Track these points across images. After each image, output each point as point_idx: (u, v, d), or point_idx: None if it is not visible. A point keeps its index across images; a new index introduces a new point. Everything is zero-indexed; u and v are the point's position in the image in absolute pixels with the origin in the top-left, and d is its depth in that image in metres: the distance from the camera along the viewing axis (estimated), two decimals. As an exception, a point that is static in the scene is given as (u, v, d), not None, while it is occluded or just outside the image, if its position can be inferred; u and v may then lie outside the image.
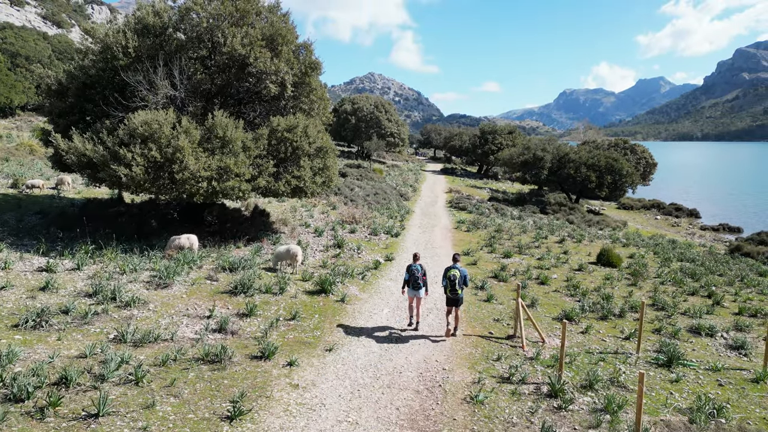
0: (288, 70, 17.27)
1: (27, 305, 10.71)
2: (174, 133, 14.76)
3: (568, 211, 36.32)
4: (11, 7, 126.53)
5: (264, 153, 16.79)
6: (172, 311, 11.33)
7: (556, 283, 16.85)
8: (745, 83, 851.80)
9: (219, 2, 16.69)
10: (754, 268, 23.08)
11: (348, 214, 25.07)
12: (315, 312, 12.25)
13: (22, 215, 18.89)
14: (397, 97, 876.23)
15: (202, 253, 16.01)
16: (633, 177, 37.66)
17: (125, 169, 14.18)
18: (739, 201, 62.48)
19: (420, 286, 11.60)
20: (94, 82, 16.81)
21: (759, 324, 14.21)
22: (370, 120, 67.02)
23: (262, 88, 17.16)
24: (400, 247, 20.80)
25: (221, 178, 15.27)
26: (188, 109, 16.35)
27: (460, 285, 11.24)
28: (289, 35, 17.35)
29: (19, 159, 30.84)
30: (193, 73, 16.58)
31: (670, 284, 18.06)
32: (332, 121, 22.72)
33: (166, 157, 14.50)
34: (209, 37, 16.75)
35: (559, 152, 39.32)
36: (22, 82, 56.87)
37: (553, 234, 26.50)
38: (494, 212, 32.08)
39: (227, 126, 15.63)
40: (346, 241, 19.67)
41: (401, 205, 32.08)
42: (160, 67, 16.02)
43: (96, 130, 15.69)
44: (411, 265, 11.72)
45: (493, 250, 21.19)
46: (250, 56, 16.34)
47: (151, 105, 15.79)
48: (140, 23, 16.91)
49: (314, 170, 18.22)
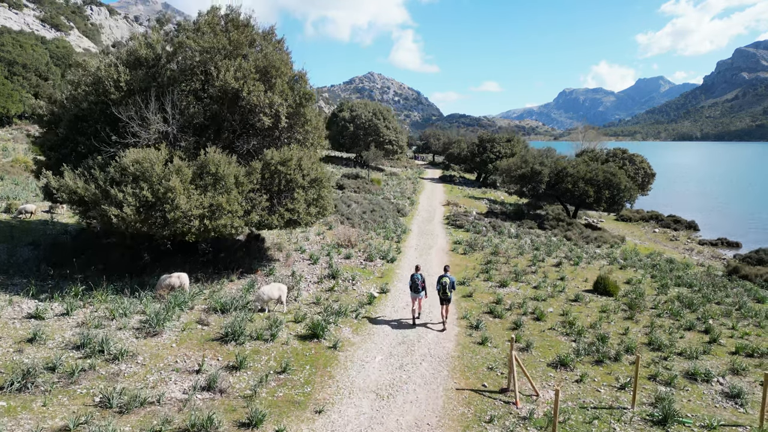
0: (282, 101, 17.12)
1: (14, 361, 10.57)
2: (166, 171, 14.60)
3: (566, 226, 36.17)
4: (9, 11, 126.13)
5: (257, 187, 16.63)
6: (161, 364, 11.18)
7: (552, 319, 16.70)
8: (745, 83, 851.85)
9: (212, 35, 16.52)
10: (752, 293, 22.94)
11: (344, 236, 24.91)
12: (306, 362, 12.09)
13: (15, 246, 18.74)
14: (397, 97, 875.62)
15: (194, 290, 15.89)
16: (631, 192, 37.51)
17: (116, 209, 14.02)
18: (737, 210, 62.37)
19: (420, 290, 15.11)
20: (86, 114, 16.65)
21: (755, 366, 14.07)
22: (368, 127, 66.82)
23: (255, 121, 16.99)
24: (395, 275, 20.64)
25: (213, 215, 15.11)
26: (181, 144, 16.19)
27: (449, 289, 14.88)
28: (283, 67, 17.19)
29: (14, 177, 30.67)
30: (186, 107, 16.41)
31: (667, 317, 17.92)
32: (328, 133, 22.52)
33: (157, 197, 14.34)
34: (202, 70, 16.59)
35: (556, 166, 39.16)
36: (19, 91, 56.71)
37: (550, 255, 26.35)
38: (491, 230, 31.91)
39: (220, 162, 15.47)
40: (340, 271, 19.51)
41: (398, 223, 31.90)
42: (152, 101, 15.86)
43: (88, 165, 15.55)
44: (413, 275, 15.20)
45: (490, 278, 21.04)
46: (244, 90, 16.18)
47: (143, 141, 15.64)
48: (132, 55, 16.73)
49: (308, 202, 18.05)
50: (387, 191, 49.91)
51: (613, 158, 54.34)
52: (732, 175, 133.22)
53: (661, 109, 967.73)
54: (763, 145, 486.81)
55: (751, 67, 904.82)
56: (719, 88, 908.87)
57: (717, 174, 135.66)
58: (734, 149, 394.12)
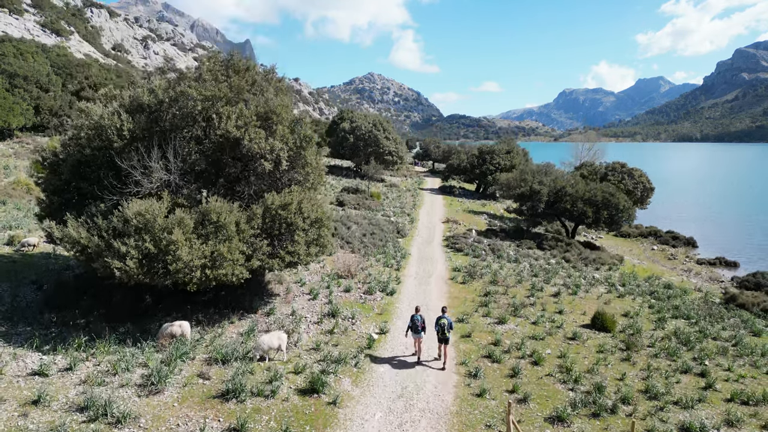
0: (283, 146, 17.31)
1: (19, 426, 10.75)
2: (168, 222, 14.78)
3: (565, 247, 36.35)
4: (10, 16, 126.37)
5: (258, 231, 16.82)
6: (162, 428, 11.36)
7: (550, 362, 16.88)
8: (745, 83, 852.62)
9: (213, 82, 16.70)
10: (748, 324, 23.14)
11: (344, 266, 25.09)
12: (306, 422, 12.26)
13: (18, 285, 18.93)
14: (397, 98, 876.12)
15: (195, 336, 16.09)
16: (629, 212, 37.67)
17: (119, 262, 14.20)
18: (736, 218, 62.60)
19: (420, 331, 15.95)
20: (89, 160, 16.82)
21: (750, 415, 14.25)
22: (368, 138, 67.05)
23: (256, 166, 17.18)
24: (394, 310, 20.81)
25: (215, 264, 15.29)
26: (183, 191, 16.37)
27: (447, 330, 15.66)
28: (284, 113, 17.37)
29: (16, 201, 30.84)
30: (188, 153, 16.59)
31: (664, 356, 18.11)
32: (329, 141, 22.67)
33: (159, 248, 14.52)
34: (204, 116, 16.77)
35: (555, 185, 39.34)
36: (21, 104, 56.85)
37: (548, 283, 26.53)
38: (490, 253, 32.08)
39: (221, 210, 15.66)
40: (340, 309, 19.67)
41: (397, 246, 32.08)
42: (154, 149, 16.05)
43: (91, 213, 15.74)
44: (414, 316, 16.03)
45: (488, 313, 21.20)
46: (245, 138, 16.37)
47: (145, 189, 15.82)
48: (135, 101, 16.91)
49: (308, 242, 18.24)
50: (387, 205, 50.11)
51: (612, 172, 54.53)
52: (731, 178, 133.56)
53: (661, 109, 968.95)
54: (763, 147, 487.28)
55: (751, 68, 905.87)
56: (719, 88, 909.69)
57: (716, 177, 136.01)
58: (734, 151, 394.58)
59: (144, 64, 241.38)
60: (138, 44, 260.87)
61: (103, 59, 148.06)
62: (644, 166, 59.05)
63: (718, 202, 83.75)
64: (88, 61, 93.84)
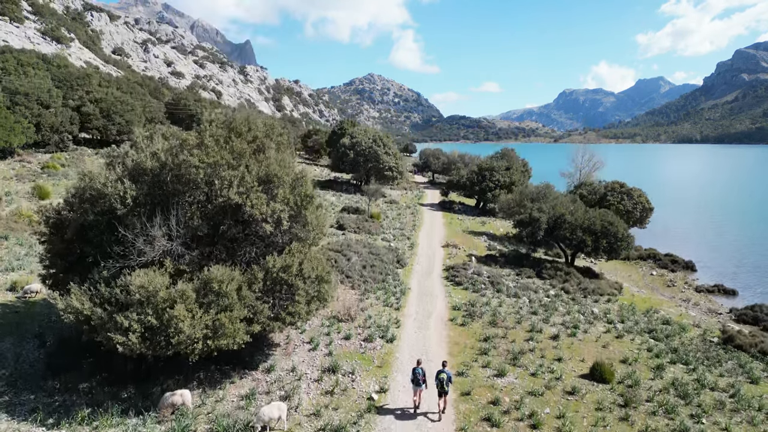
0: (284, 207, 17.47)
1: None
2: (170, 294, 14.93)
3: (564, 276, 36.53)
4: (11, 24, 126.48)
5: (260, 294, 16.98)
6: None
7: (549, 424, 17.04)
8: (745, 84, 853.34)
9: (215, 148, 16.85)
10: (746, 369, 23.31)
11: (343, 307, 25.25)
12: (308, 507, 12.43)
13: (21, 341, 19.11)
14: (397, 98, 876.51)
15: (197, 400, 16.27)
16: (628, 240, 37.85)
17: (122, 337, 14.36)
18: (735, 238, 62.80)
19: (421, 383, 16.83)
20: (92, 224, 16.96)
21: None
22: (368, 154, 67.25)
23: (258, 229, 17.33)
24: (394, 361, 20.96)
25: (216, 334, 15.45)
26: (185, 259, 16.53)
27: (446, 384, 16.59)
28: (284, 176, 17.53)
29: (19, 237, 30.98)
30: (190, 218, 16.74)
31: (663, 414, 18.28)
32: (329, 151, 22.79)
33: (161, 322, 14.69)
34: (206, 181, 16.91)
35: (555, 212, 39.53)
36: (22, 122, 57.00)
37: (548, 323, 26.70)
38: (490, 287, 32.25)
39: (223, 279, 15.82)
40: (340, 364, 19.82)
41: (397, 279, 32.30)
42: (156, 216, 16.20)
43: (94, 280, 15.91)
44: (415, 368, 16.91)
45: (488, 363, 21.33)
46: (246, 204, 16.53)
47: (148, 257, 15.97)
48: (138, 167, 17.07)
49: (309, 300, 18.40)
50: (387, 226, 50.33)
51: (611, 192, 54.74)
52: (731, 185, 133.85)
53: (661, 110, 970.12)
54: (764, 149, 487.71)
55: (751, 69, 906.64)
56: (719, 89, 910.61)
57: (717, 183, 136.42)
58: (734, 154, 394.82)
59: (144, 67, 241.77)
60: (138, 48, 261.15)
61: (103, 66, 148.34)
62: (643, 171, 59.28)
63: (719, 213, 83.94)
64: (88, 71, 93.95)
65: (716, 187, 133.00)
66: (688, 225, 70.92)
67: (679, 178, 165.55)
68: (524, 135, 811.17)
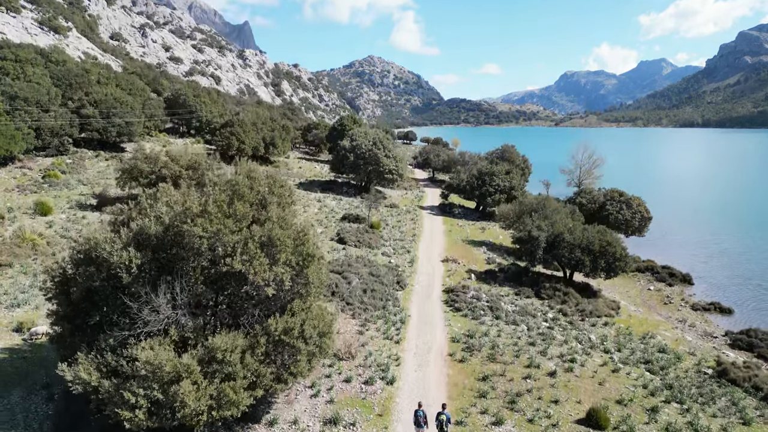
0: (286, 269, 17.73)
1: None
2: (175, 368, 15.27)
3: (563, 296, 36.98)
4: (7, 14, 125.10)
5: (262, 358, 17.33)
6: None
7: (544, 483, 17.58)
8: (748, 67, 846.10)
9: (218, 214, 17.04)
10: (739, 408, 23.83)
11: (343, 344, 25.66)
12: None
13: (29, 393, 19.52)
14: (397, 81, 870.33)
15: (204, 464, 16.70)
16: (626, 260, 38.19)
17: (129, 413, 14.75)
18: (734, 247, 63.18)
19: (423, 425, 18.15)
20: (98, 289, 17.24)
21: None
22: (368, 157, 67.26)
23: (260, 292, 17.62)
24: (395, 407, 21.41)
25: (220, 405, 15.84)
26: (189, 326, 16.84)
27: (446, 425, 17.94)
28: (286, 238, 17.73)
29: (23, 263, 31.26)
30: (194, 283, 17.02)
31: (655, 467, 18.83)
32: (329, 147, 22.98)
33: (167, 397, 15.06)
34: (209, 247, 17.14)
35: (554, 230, 39.84)
36: (22, 128, 56.93)
37: (545, 356, 27.17)
38: (489, 312, 32.69)
39: (226, 347, 16.15)
40: (341, 415, 20.28)
41: (397, 304, 32.75)
42: (161, 285, 16.48)
43: (100, 348, 16.25)
44: (417, 411, 18.45)
45: (486, 409, 21.76)
46: (250, 272, 16.79)
47: (153, 326, 16.28)
48: (142, 233, 17.28)
49: (310, 356, 18.76)
50: (386, 236, 50.67)
51: (610, 201, 54.97)
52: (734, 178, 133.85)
53: (663, 93, 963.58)
54: (766, 133, 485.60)
55: (755, 51, 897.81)
56: (722, 71, 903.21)
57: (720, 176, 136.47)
58: (736, 139, 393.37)
59: (142, 53, 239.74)
60: (136, 32, 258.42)
61: (101, 55, 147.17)
62: (643, 166, 59.31)
63: (717, 218, 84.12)
64: (86, 65, 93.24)
65: (716, 186, 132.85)
66: (687, 230, 71.05)
67: (679, 174, 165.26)
68: (525, 119, 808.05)
